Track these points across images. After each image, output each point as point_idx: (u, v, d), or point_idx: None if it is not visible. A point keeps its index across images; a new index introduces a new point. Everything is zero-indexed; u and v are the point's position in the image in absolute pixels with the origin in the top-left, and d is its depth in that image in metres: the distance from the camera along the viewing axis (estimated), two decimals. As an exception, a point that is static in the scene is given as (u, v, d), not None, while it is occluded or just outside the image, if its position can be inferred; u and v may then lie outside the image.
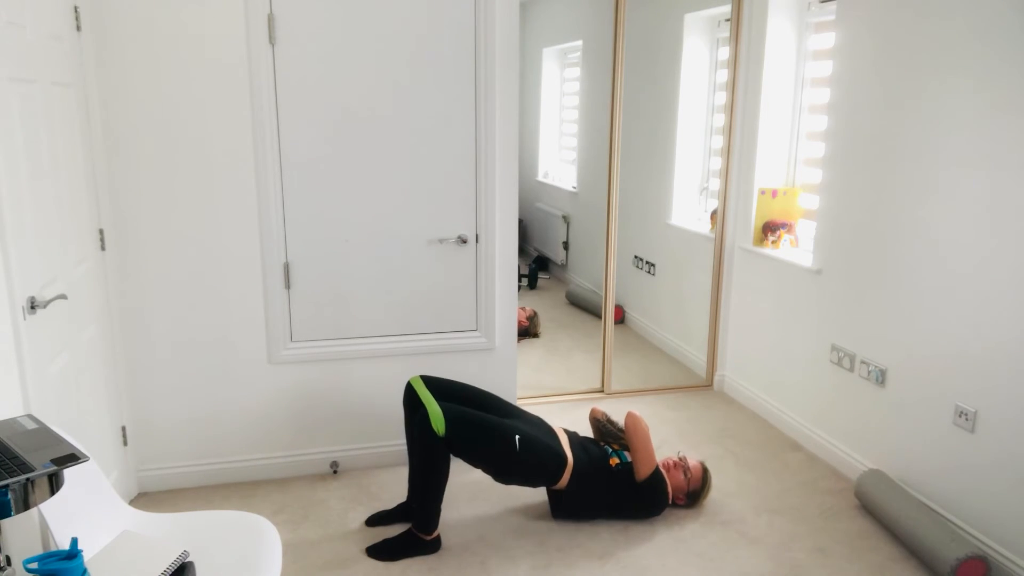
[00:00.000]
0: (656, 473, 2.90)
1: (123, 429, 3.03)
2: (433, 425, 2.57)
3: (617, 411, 3.95)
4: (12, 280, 2.06)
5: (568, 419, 3.86)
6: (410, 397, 2.83)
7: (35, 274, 2.22)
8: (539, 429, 2.85)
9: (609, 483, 2.88)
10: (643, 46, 4.20)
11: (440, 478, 2.63)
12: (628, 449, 2.97)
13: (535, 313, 4.88)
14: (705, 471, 3.03)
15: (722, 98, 4.05)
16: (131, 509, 2.13)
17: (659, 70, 4.31)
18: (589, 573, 2.62)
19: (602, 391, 4.20)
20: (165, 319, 3.01)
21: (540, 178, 5.31)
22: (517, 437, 2.69)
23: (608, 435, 3.09)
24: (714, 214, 4.15)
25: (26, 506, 1.47)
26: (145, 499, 3.08)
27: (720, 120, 4.10)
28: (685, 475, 2.98)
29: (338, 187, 3.07)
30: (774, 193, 3.86)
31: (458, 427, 2.60)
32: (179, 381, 3.08)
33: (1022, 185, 2.47)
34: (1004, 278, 2.55)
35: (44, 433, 1.68)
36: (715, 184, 4.20)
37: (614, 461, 2.92)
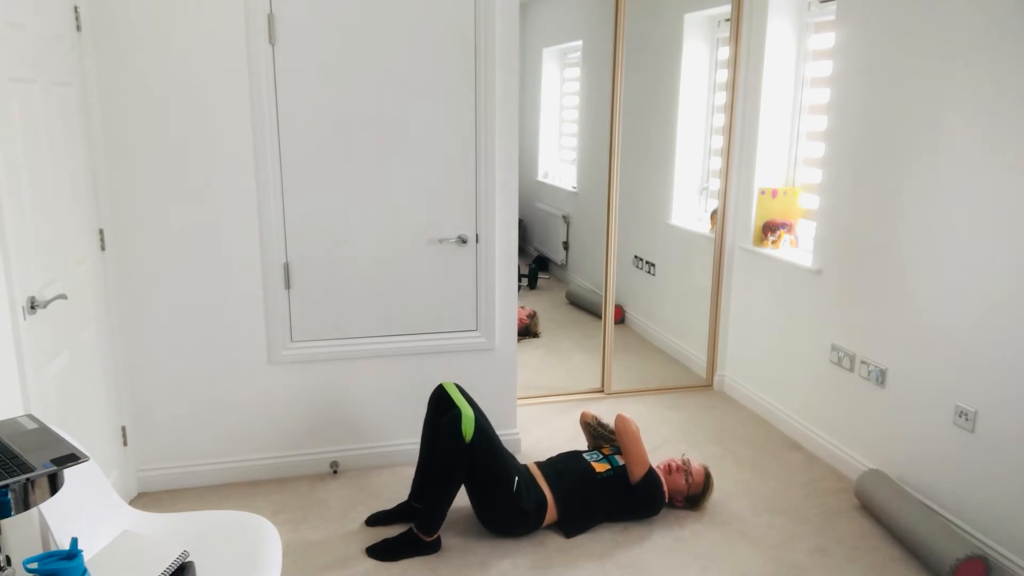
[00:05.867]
0: (650, 473, 2.90)
1: (123, 429, 3.03)
2: (464, 428, 2.58)
3: (616, 411, 3.95)
4: (12, 280, 2.06)
5: (568, 419, 3.86)
6: (440, 399, 2.83)
7: (35, 274, 2.22)
8: (528, 480, 2.82)
9: (600, 492, 2.86)
10: (643, 46, 4.19)
11: (456, 484, 2.63)
12: (620, 452, 2.97)
13: (535, 312, 4.88)
14: (707, 476, 3.01)
15: (722, 98, 4.05)
16: (131, 509, 2.13)
17: (659, 70, 4.31)
18: (589, 573, 2.62)
19: (602, 391, 4.20)
20: (165, 319, 3.01)
21: (540, 178, 5.31)
22: (517, 479, 2.71)
23: (600, 438, 3.09)
24: (714, 214, 4.15)
25: (26, 506, 1.47)
26: (145, 499, 3.08)
27: (720, 120, 4.10)
28: (687, 479, 2.97)
29: (338, 187, 3.07)
30: (774, 193, 3.86)
31: (482, 440, 2.62)
32: (179, 381, 3.08)
33: (1022, 185, 2.47)
34: (1004, 278, 2.55)
35: (44, 433, 1.67)
36: (715, 184, 4.20)
37: (603, 467, 2.90)
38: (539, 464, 2.96)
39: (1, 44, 2.06)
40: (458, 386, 2.83)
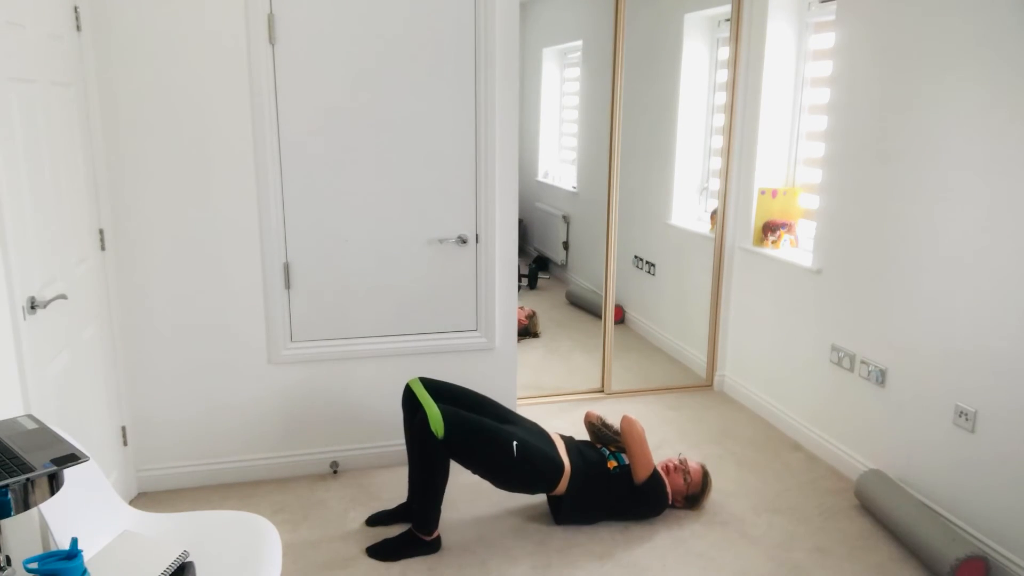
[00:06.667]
0: (655, 475, 2.90)
1: (123, 429, 3.03)
2: (432, 427, 2.57)
3: (617, 412, 3.95)
4: (12, 280, 2.06)
5: (568, 419, 3.86)
6: (409, 399, 2.83)
7: (35, 274, 2.22)
8: (536, 436, 2.84)
9: (608, 486, 2.87)
10: (643, 46, 4.19)
11: (439, 480, 2.63)
12: (624, 452, 2.97)
13: (534, 312, 4.88)
14: (705, 475, 3.02)
15: (722, 98, 4.05)
16: (131, 509, 2.13)
17: (659, 70, 4.31)
18: (589, 573, 2.62)
19: (602, 391, 4.20)
20: (165, 319, 3.01)
21: (540, 178, 5.31)
22: (515, 443, 2.69)
23: (604, 439, 3.09)
24: (714, 214, 4.15)
25: (26, 506, 1.47)
26: (145, 499, 3.08)
27: (720, 120, 4.10)
28: (685, 479, 2.97)
29: (338, 187, 3.07)
30: (774, 193, 3.86)
31: (457, 430, 2.60)
32: (179, 381, 3.08)
33: (1022, 185, 2.47)
34: (1004, 278, 2.55)
35: (44, 433, 1.67)
36: (715, 184, 4.20)
37: (612, 464, 2.92)
38: (563, 436, 2.98)
39: (1, 44, 2.06)
40: (424, 379, 2.83)
